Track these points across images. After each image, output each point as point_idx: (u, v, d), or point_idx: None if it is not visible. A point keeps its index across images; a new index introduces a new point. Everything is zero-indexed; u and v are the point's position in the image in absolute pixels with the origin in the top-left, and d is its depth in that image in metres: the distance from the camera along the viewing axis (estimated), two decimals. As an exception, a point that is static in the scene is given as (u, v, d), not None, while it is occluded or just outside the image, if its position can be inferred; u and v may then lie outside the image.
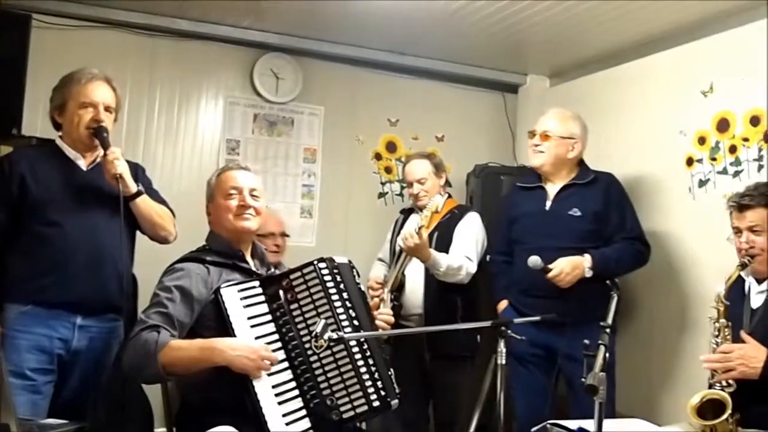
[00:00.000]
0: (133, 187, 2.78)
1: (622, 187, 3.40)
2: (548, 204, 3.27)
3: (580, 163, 3.40)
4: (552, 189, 3.33)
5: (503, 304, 3.47)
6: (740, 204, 2.64)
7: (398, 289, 3.56)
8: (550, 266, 3.03)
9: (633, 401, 3.43)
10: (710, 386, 2.48)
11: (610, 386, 3.18)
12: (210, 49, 4.25)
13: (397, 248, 3.61)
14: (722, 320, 2.55)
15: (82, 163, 2.81)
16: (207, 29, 4.14)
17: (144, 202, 2.83)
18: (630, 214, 3.34)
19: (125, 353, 2.27)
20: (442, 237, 3.52)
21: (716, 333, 2.55)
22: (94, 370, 2.76)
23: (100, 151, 2.79)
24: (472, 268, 3.51)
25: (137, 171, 2.94)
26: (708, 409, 2.41)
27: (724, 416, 2.35)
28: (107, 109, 2.80)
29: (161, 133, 4.15)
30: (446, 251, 3.52)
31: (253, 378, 2.18)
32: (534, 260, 3.01)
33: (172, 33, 4.13)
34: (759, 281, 2.63)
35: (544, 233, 3.18)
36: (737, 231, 2.66)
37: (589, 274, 3.10)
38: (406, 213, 3.88)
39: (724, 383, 2.43)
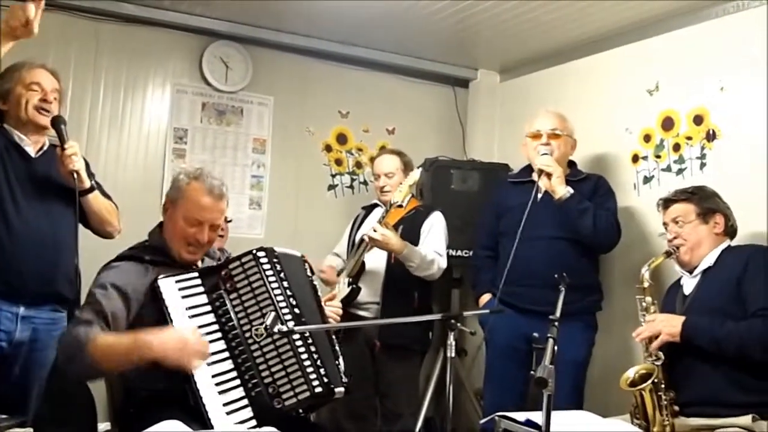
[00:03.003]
0: (87, 183, 2.73)
1: (609, 186, 3.46)
2: (538, 196, 3.27)
3: (570, 162, 3.45)
4: (539, 181, 3.30)
5: (485, 298, 3.52)
6: (666, 200, 2.93)
7: (357, 274, 3.57)
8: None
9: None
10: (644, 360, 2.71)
11: (579, 381, 3.30)
12: (157, 36, 4.14)
13: (357, 239, 3.62)
14: (648, 298, 2.82)
15: (31, 150, 2.75)
16: (154, 14, 4.03)
17: (96, 198, 2.80)
18: (613, 205, 3.39)
19: (58, 347, 2.22)
20: (407, 232, 3.55)
21: (643, 312, 2.81)
22: (37, 363, 2.70)
23: (47, 137, 2.74)
24: (443, 263, 3.56)
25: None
26: (640, 383, 2.65)
27: (649, 381, 2.60)
28: (54, 92, 2.76)
29: (106, 121, 4.03)
30: None
31: (187, 370, 2.13)
32: None
33: (117, 17, 4.02)
34: (690, 273, 2.82)
35: (534, 223, 3.17)
36: (665, 225, 2.91)
37: None
38: (368, 209, 3.89)
39: (654, 356, 2.67)
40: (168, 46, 4.19)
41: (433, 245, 3.57)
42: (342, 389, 2.30)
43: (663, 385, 2.63)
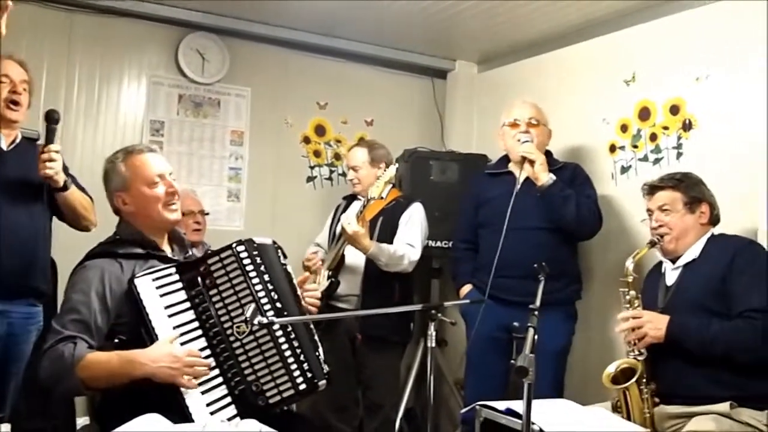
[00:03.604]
0: (62, 182, 2.70)
1: (586, 174, 3.48)
2: (517, 187, 3.27)
3: (546, 152, 3.44)
4: (520, 174, 3.31)
5: (466, 288, 3.53)
6: (651, 186, 2.86)
7: (336, 268, 3.57)
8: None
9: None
10: (627, 355, 2.68)
11: (560, 370, 3.32)
12: (132, 27, 4.09)
13: (338, 230, 3.62)
14: (632, 292, 2.76)
15: (3, 143, 2.71)
16: (128, 5, 3.98)
17: (71, 195, 2.78)
18: (593, 192, 3.41)
19: (41, 365, 2.13)
20: (386, 224, 3.55)
21: (627, 305, 2.76)
22: (13, 358, 2.68)
23: (19, 130, 2.70)
24: (415, 255, 3.56)
25: None
26: (622, 378, 2.63)
27: (634, 379, 2.57)
28: (23, 83, 2.72)
29: (81, 113, 3.98)
30: (391, 238, 3.55)
31: (179, 386, 2.09)
32: None
33: (91, 9, 3.96)
34: (673, 261, 2.79)
35: (513, 214, 3.17)
36: (649, 212, 2.85)
37: None
38: (349, 199, 3.90)
39: (637, 352, 2.64)
40: (143, 37, 4.14)
41: (407, 237, 3.57)
42: (324, 381, 2.29)
43: (645, 379, 2.62)
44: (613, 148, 3.73)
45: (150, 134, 4.13)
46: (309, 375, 2.21)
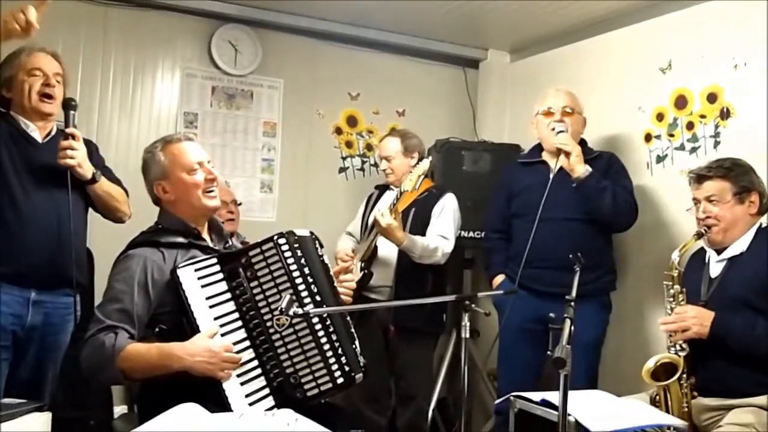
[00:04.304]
0: (89, 174, 2.73)
1: (621, 163, 3.44)
2: (551, 177, 3.24)
3: (580, 141, 3.41)
4: (554, 163, 3.28)
5: (499, 279, 3.51)
6: (699, 175, 2.74)
7: (369, 259, 3.57)
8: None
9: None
10: (668, 350, 2.62)
11: (594, 361, 3.28)
12: (166, 19, 4.13)
13: (370, 221, 3.62)
14: (676, 286, 2.69)
15: (38, 135, 2.75)
16: (162, -2, 4.03)
17: (100, 188, 2.80)
18: (628, 183, 3.36)
19: (82, 354, 2.18)
20: (419, 215, 3.54)
21: (671, 299, 2.69)
22: (51, 347, 2.72)
23: (55, 123, 2.73)
24: (449, 247, 3.55)
25: (91, 149, 2.88)
26: (662, 372, 2.58)
27: (675, 377, 2.52)
28: (57, 76, 2.74)
29: (116, 105, 4.03)
30: (423, 230, 3.55)
31: (218, 380, 2.12)
32: None
33: (125, 2, 4.01)
34: (718, 252, 2.72)
35: (546, 205, 3.15)
36: (696, 202, 2.76)
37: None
38: (381, 189, 3.90)
39: (678, 347, 2.58)
40: (177, 30, 4.17)
41: (440, 229, 3.56)
42: (361, 375, 2.30)
43: (685, 374, 2.57)
44: (648, 137, 3.68)
45: (184, 126, 4.17)
46: (347, 368, 2.22)
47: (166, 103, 4.16)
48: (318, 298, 2.27)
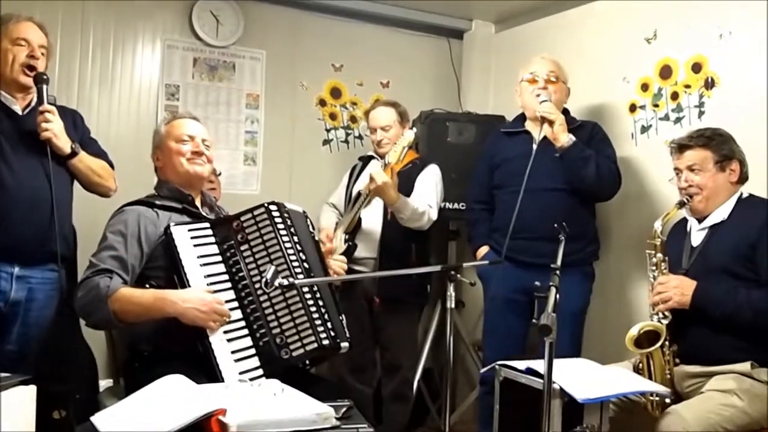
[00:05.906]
0: (67, 148, 2.70)
1: (604, 132, 3.43)
2: (534, 147, 3.21)
3: (563, 110, 3.40)
4: (537, 133, 3.25)
5: (483, 250, 3.51)
6: (680, 145, 2.77)
7: (353, 231, 3.57)
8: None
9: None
10: (651, 318, 2.66)
11: (578, 330, 3.30)
12: (146, -10, 4.07)
13: (355, 193, 3.60)
14: (659, 255, 2.72)
15: (18, 108, 2.70)
16: (142, -32, 3.96)
17: (81, 161, 2.77)
18: (612, 152, 3.37)
19: (76, 295, 2.27)
20: (402, 185, 3.52)
21: (653, 267, 2.73)
22: (34, 322, 2.70)
23: (33, 94, 2.69)
24: (434, 215, 3.56)
25: (75, 119, 2.85)
26: (645, 340, 2.60)
27: (658, 344, 2.55)
28: (41, 48, 2.70)
29: (96, 77, 3.96)
30: None
31: (205, 328, 2.20)
32: None
33: (104, -28, 3.94)
34: (699, 221, 2.75)
35: (531, 175, 3.09)
36: (678, 171, 2.78)
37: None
38: (365, 160, 3.87)
39: (660, 315, 2.62)
40: (157, 1, 4.10)
41: (425, 198, 3.56)
42: (347, 344, 2.35)
43: (667, 341, 2.61)
44: (633, 108, 3.68)
45: (165, 98, 4.12)
46: (332, 334, 2.27)
47: (147, 75, 4.10)
48: (306, 265, 2.32)
